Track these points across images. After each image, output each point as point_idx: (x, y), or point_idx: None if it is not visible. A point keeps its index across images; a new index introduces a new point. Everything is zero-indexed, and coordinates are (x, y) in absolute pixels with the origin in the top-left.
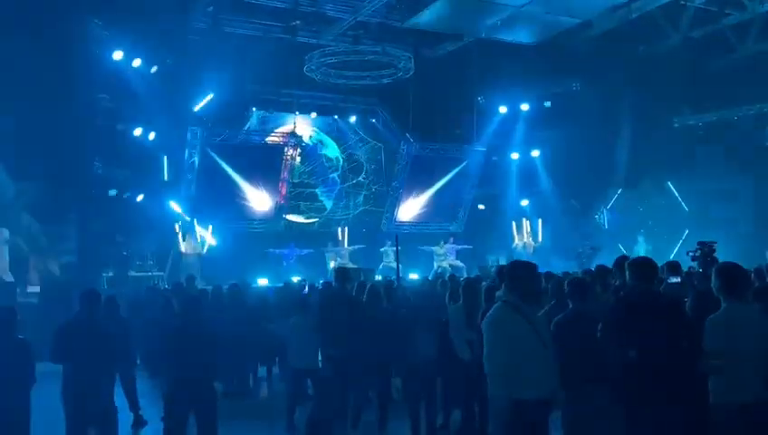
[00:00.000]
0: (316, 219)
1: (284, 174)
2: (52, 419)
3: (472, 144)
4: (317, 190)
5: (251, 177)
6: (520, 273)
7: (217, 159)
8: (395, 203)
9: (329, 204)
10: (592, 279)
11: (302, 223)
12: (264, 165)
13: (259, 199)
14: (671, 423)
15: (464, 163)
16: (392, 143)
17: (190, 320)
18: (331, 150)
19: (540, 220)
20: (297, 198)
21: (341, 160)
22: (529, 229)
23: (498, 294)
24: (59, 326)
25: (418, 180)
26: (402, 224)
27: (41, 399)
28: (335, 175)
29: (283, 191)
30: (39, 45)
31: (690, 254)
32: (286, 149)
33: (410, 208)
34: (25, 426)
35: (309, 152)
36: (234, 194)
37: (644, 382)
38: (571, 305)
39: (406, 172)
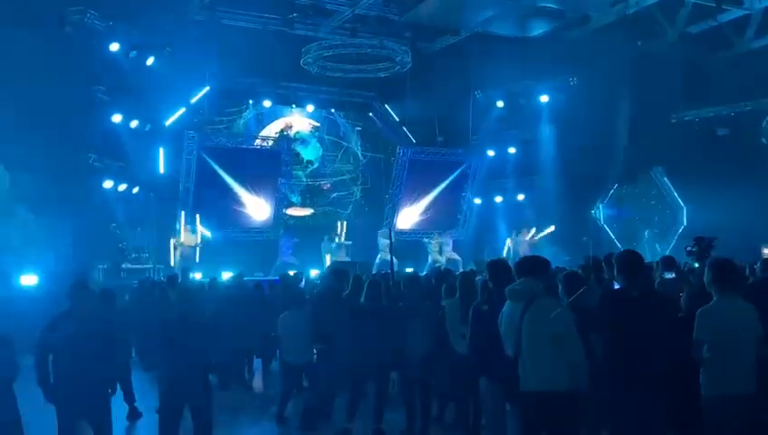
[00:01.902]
0: (312, 211)
1: (282, 180)
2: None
3: (469, 148)
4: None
5: (248, 183)
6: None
7: (213, 164)
8: (394, 210)
9: (293, 197)
10: (586, 273)
11: (297, 215)
12: (261, 170)
13: (257, 207)
14: (654, 417)
15: (462, 167)
16: (389, 137)
17: (186, 312)
18: (311, 152)
19: (536, 216)
20: None
21: (315, 163)
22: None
23: (521, 287)
24: (45, 324)
25: (417, 186)
26: (402, 232)
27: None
28: (300, 172)
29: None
30: (35, 37)
31: (688, 249)
32: (283, 155)
33: (409, 216)
34: (14, 424)
35: (279, 144)
36: (231, 201)
37: (624, 377)
38: (564, 300)
39: (403, 178)
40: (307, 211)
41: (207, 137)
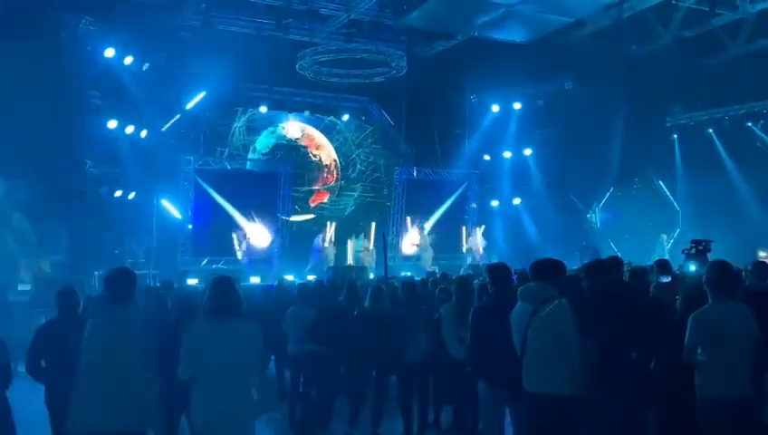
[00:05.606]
0: (313, 216)
1: (281, 204)
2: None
3: (467, 165)
4: None
5: (247, 209)
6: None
7: (211, 191)
8: (398, 232)
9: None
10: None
11: (299, 220)
12: (260, 195)
13: (257, 234)
14: (628, 420)
15: (462, 187)
16: (385, 142)
17: (183, 318)
18: (261, 141)
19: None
20: None
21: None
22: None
23: (533, 290)
24: (33, 337)
25: (417, 209)
26: (408, 257)
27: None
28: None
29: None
30: (29, 43)
31: (685, 251)
32: (281, 178)
33: (413, 240)
34: (8, 428)
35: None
36: (230, 230)
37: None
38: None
39: (402, 201)
40: (308, 216)
41: (204, 160)
